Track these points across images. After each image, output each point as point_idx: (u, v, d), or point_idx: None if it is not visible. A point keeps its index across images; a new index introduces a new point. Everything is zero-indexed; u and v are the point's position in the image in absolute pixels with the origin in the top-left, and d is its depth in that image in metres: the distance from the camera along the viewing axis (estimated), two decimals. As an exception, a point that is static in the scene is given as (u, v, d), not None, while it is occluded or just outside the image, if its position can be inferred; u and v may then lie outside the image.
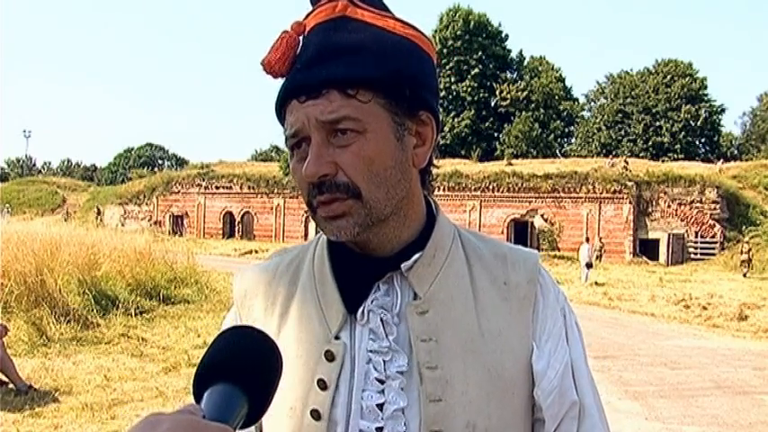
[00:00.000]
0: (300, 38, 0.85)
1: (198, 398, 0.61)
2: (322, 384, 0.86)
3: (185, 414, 0.55)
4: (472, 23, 52.93)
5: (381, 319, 0.86)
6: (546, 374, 0.87)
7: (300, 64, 0.83)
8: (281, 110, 0.85)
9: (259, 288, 0.95)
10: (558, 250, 30.40)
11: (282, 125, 0.86)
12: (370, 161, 0.81)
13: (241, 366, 0.62)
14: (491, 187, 33.40)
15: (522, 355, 0.87)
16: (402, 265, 0.86)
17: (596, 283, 19.49)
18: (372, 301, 0.86)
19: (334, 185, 0.81)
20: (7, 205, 40.78)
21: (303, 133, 0.82)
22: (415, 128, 0.86)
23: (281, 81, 0.85)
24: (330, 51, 0.81)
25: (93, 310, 9.31)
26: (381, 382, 0.84)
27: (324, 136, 0.81)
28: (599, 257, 26.12)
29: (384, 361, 0.85)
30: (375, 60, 0.81)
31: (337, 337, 0.87)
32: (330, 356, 0.86)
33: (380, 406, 0.84)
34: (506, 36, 56.14)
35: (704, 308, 14.38)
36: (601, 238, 29.12)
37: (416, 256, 0.87)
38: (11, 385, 6.24)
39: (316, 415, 0.85)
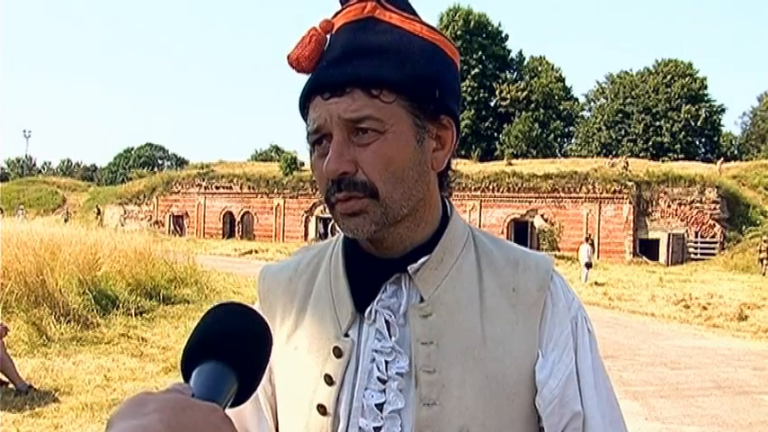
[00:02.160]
0: (328, 36, 0.86)
1: (186, 377, 0.59)
2: (328, 380, 0.87)
3: (173, 393, 0.53)
4: (472, 23, 52.95)
5: (386, 320, 0.87)
6: (547, 383, 0.86)
7: (326, 62, 0.84)
8: (304, 105, 0.86)
9: (280, 285, 0.98)
10: (558, 250, 30.36)
11: (305, 121, 0.87)
12: (389, 161, 0.82)
13: (230, 344, 0.61)
14: (491, 187, 33.39)
15: (525, 362, 0.86)
16: (408, 268, 0.87)
17: (596, 283, 19.49)
18: (379, 302, 0.87)
19: (352, 184, 0.82)
20: (22, 206, 41.04)
21: (325, 130, 0.83)
22: (436, 131, 0.87)
23: (296, 76, 0.87)
24: (357, 51, 0.82)
25: (93, 310, 9.29)
26: (383, 381, 0.85)
27: (345, 134, 0.82)
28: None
29: (386, 361, 0.86)
30: (400, 63, 0.82)
31: (346, 335, 0.88)
32: (338, 353, 0.87)
33: (381, 405, 0.85)
34: (506, 36, 56.18)
35: (704, 308, 14.37)
36: (589, 237, 29.05)
37: (423, 259, 0.87)
38: (11, 385, 6.24)
39: (322, 410, 0.87)
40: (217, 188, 40.48)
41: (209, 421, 0.52)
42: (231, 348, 0.60)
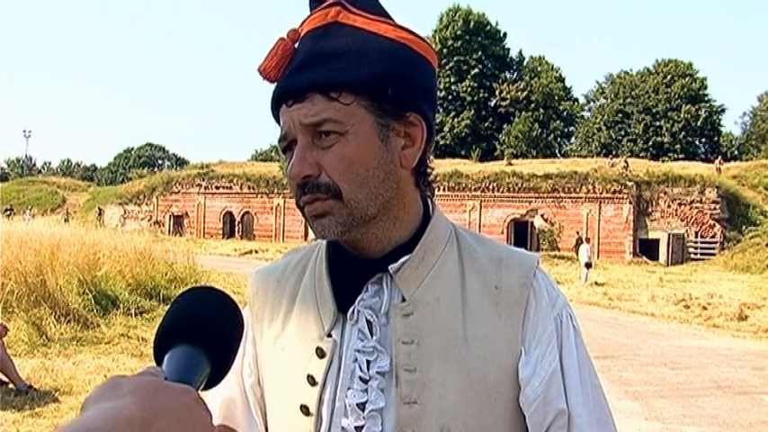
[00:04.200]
0: (296, 45, 0.86)
1: (159, 360, 0.60)
2: (311, 380, 0.88)
3: (146, 376, 0.54)
4: (472, 23, 52.94)
5: (368, 320, 0.87)
6: (531, 381, 0.86)
7: (289, 70, 0.85)
8: (275, 115, 0.88)
9: (269, 287, 0.98)
10: (558, 250, 30.38)
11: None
12: (350, 162, 0.82)
13: (201, 327, 0.61)
14: (491, 187, 33.39)
15: (508, 360, 0.86)
16: (389, 267, 0.87)
17: (596, 283, 19.48)
18: (360, 302, 0.88)
19: (315, 186, 0.83)
20: (29, 207, 41.30)
21: (291, 136, 0.85)
22: (403, 129, 0.86)
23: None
24: (315, 57, 0.84)
25: (93, 310, 9.29)
26: (365, 381, 0.86)
27: (309, 138, 0.83)
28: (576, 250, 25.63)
29: (368, 361, 0.86)
30: (358, 63, 0.83)
31: (329, 335, 0.89)
32: (320, 353, 0.88)
33: (363, 405, 0.85)
34: (505, 34, 56.13)
35: (704, 308, 14.35)
36: (577, 232, 29.19)
37: (404, 258, 0.87)
38: (11, 385, 6.24)
39: (305, 410, 0.87)
40: (217, 188, 40.48)
41: (182, 402, 0.52)
42: (202, 331, 0.61)
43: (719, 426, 6.19)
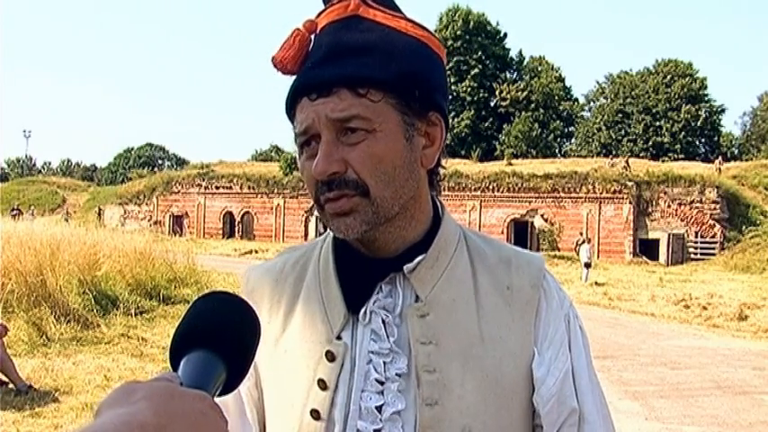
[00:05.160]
0: (312, 36, 0.85)
1: (175, 366, 0.59)
2: (322, 384, 0.86)
3: (162, 381, 0.53)
4: (472, 23, 52.95)
5: (383, 321, 0.85)
6: (545, 381, 0.86)
7: (312, 62, 0.83)
8: (291, 108, 0.86)
9: (265, 287, 0.95)
10: (558, 250, 30.36)
11: (292, 123, 0.86)
12: (379, 160, 0.81)
13: (218, 332, 0.60)
14: (491, 187, 33.37)
15: (522, 360, 0.87)
16: (405, 267, 0.86)
17: (596, 283, 19.47)
18: (375, 302, 0.86)
19: (343, 182, 0.81)
20: (32, 207, 41.39)
21: (313, 131, 0.82)
22: (425, 128, 0.86)
23: (288, 78, 0.86)
24: (342, 50, 0.82)
25: (93, 310, 9.30)
26: (381, 383, 0.84)
27: (334, 134, 0.81)
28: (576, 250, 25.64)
29: (384, 362, 0.84)
30: (386, 61, 0.81)
31: (339, 338, 0.87)
32: (330, 357, 0.86)
33: (380, 407, 0.84)
34: (505, 35, 56.14)
35: (704, 308, 14.35)
36: (580, 233, 29.24)
37: (419, 258, 0.87)
38: (11, 385, 6.24)
39: (315, 414, 0.85)
40: (217, 188, 40.46)
41: (196, 409, 0.51)
42: (219, 337, 0.60)
43: (719, 426, 6.19)
